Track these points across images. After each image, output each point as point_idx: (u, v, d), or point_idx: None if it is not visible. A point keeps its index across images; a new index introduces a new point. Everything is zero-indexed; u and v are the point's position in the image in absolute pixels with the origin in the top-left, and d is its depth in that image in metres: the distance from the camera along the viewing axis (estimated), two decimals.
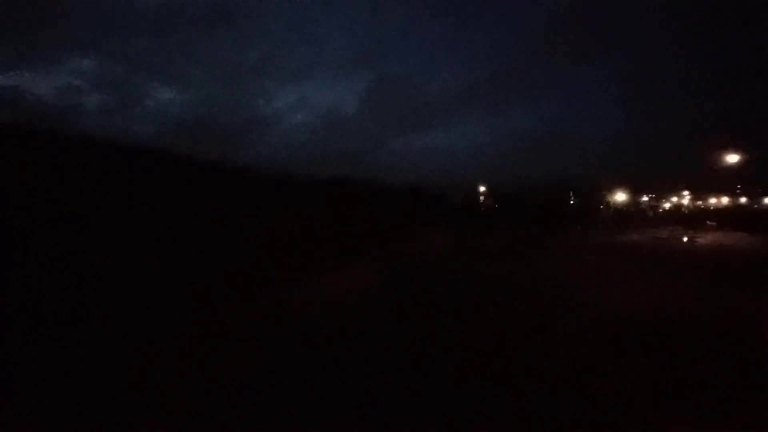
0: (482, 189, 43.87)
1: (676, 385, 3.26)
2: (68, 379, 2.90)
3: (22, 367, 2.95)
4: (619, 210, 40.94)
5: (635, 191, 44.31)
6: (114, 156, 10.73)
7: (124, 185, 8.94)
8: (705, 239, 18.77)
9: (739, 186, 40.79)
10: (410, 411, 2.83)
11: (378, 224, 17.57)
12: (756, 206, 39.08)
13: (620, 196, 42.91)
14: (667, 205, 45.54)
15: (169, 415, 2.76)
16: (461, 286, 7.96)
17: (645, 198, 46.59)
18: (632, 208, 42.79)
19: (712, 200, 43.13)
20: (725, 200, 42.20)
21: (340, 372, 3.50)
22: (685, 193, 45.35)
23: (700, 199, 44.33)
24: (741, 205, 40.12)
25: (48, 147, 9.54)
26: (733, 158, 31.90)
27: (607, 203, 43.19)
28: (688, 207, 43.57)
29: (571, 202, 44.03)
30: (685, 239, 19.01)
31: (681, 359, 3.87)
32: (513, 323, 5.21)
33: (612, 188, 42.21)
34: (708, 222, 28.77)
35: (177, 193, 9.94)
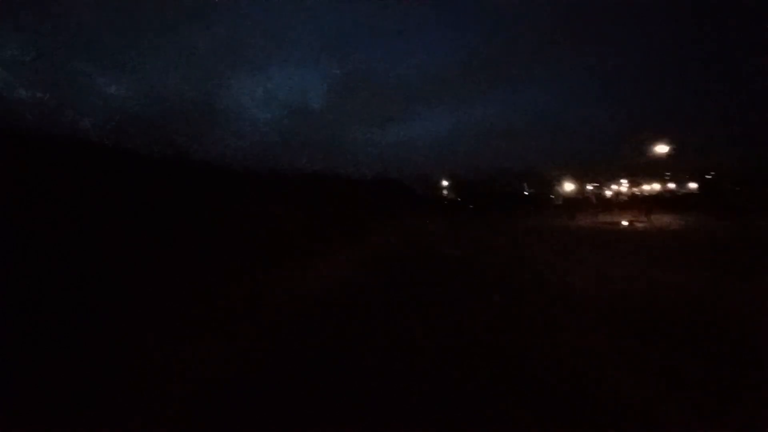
0: (445, 183, 45.42)
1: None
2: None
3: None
4: (568, 198, 44.19)
5: (582, 181, 48.05)
6: (59, 153, 9.90)
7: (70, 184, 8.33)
8: (641, 222, 20.92)
9: (668, 173, 45.50)
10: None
11: (344, 217, 17.66)
12: (682, 191, 43.90)
13: (569, 186, 46.29)
14: (608, 193, 49.68)
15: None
16: (424, 275, 8.36)
17: (590, 187, 50.60)
18: (579, 196, 46.35)
19: (646, 187, 47.74)
20: (657, 186, 46.88)
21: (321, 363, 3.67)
22: (624, 181, 49.80)
23: (636, 186, 48.89)
24: (670, 190, 44.81)
25: None
26: (662, 148, 35.49)
27: (557, 192, 46.42)
28: (626, 194, 47.84)
29: (525, 193, 46.79)
30: (625, 223, 21.03)
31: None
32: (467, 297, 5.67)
33: (561, 178, 45.45)
34: (641, 206, 31.97)
35: (132, 192, 9.41)
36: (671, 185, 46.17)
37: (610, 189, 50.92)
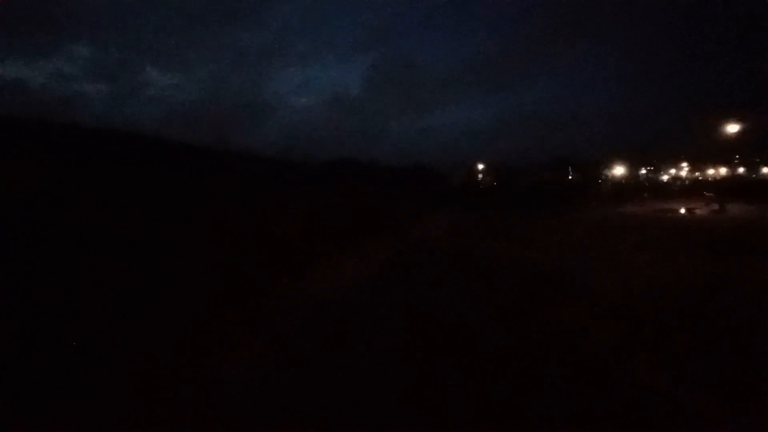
0: (481, 167, 43.86)
1: None
2: (68, 380, 2.99)
3: (23, 367, 3.03)
4: (618, 184, 41.02)
5: (634, 164, 44.30)
6: (117, 144, 10.64)
7: (126, 173, 8.90)
8: (703, 211, 18.81)
9: (737, 156, 40.79)
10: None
11: (381, 205, 17.66)
12: (754, 176, 39.24)
13: (618, 170, 42.91)
14: (665, 177, 45.60)
15: (168, 414, 2.81)
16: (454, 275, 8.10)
17: (643, 171, 46.60)
18: (631, 181, 42.87)
19: (710, 171, 43.17)
20: (723, 171, 42.24)
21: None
22: (684, 164, 45.37)
23: (698, 170, 44.39)
24: (739, 176, 40.22)
25: (45, 137, 9.44)
26: (732, 128, 31.66)
27: (605, 177, 43.23)
28: (687, 178, 43.63)
29: (570, 177, 44.07)
30: (683, 211, 19.15)
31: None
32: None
33: (610, 162, 42.17)
34: (705, 193, 28.92)
35: (179, 179, 9.92)
36: (741, 170, 41.41)
37: (667, 173, 46.65)
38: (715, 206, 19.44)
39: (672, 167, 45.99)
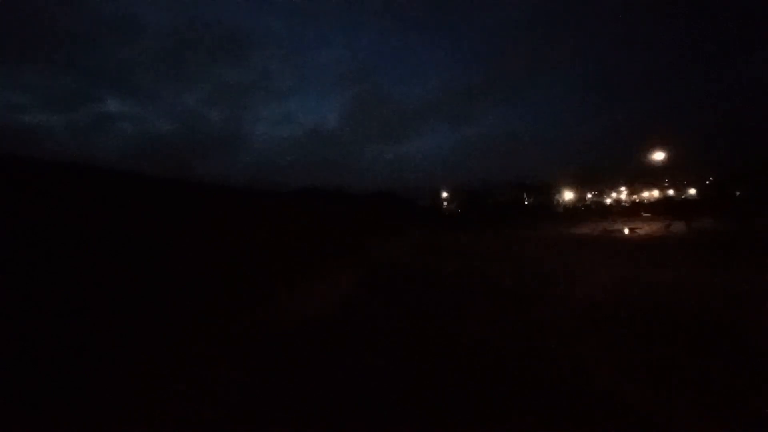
0: (445, 194, 45.82)
1: None
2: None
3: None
4: (568, 206, 44.36)
5: (581, 189, 48.36)
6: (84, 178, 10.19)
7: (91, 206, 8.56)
8: (643, 229, 20.92)
9: (666, 180, 45.83)
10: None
11: (351, 228, 17.88)
12: (683, 197, 44.12)
13: (568, 194, 46.58)
14: (608, 200, 49.90)
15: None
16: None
17: (589, 195, 50.85)
18: (579, 204, 46.55)
19: (645, 194, 48.00)
20: (656, 193, 47.13)
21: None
22: (623, 188, 50.12)
23: (635, 193, 49.17)
24: (669, 197, 44.99)
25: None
26: (659, 156, 35.93)
27: (557, 201, 46.66)
28: (626, 201, 48.07)
29: (526, 202, 47.01)
30: (626, 231, 21.08)
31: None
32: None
33: (561, 187, 45.77)
34: (643, 213, 32.11)
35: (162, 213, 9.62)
36: (670, 192, 46.44)
37: (609, 196, 51.13)
38: (654, 225, 21.75)
39: (613, 191, 50.61)
